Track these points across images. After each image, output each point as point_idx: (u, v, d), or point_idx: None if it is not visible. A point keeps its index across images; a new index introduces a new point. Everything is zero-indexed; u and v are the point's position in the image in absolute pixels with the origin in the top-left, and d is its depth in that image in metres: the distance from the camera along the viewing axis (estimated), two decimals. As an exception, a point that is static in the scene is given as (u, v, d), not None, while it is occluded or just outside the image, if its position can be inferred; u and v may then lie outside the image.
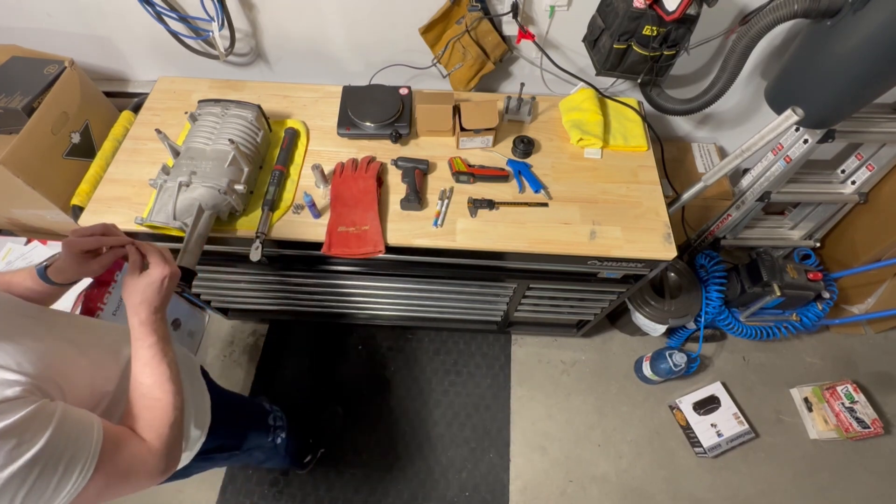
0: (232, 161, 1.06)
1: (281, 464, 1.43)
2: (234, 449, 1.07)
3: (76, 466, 0.54)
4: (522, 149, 1.25)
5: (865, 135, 1.45)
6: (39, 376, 0.58)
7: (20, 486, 0.50)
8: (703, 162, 1.68)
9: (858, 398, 1.71)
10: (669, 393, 1.82)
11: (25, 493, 0.51)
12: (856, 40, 1.03)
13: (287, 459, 1.42)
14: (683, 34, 1.13)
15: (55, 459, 0.53)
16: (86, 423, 0.58)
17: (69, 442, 0.55)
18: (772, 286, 1.58)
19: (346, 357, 1.87)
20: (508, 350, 1.90)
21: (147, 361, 0.68)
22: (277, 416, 1.26)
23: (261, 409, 1.25)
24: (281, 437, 1.26)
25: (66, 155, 1.37)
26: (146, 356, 0.68)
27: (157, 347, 0.68)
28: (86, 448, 0.56)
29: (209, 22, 1.28)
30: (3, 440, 0.49)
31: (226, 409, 1.01)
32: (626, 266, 1.20)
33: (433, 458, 1.69)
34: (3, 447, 0.49)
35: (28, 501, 0.51)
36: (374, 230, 1.11)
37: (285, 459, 1.40)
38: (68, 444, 0.54)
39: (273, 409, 1.29)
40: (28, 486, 0.51)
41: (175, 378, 0.69)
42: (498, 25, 1.29)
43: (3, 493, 0.49)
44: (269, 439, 1.21)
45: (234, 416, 1.09)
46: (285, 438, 1.28)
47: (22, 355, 0.58)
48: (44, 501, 0.53)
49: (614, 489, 1.66)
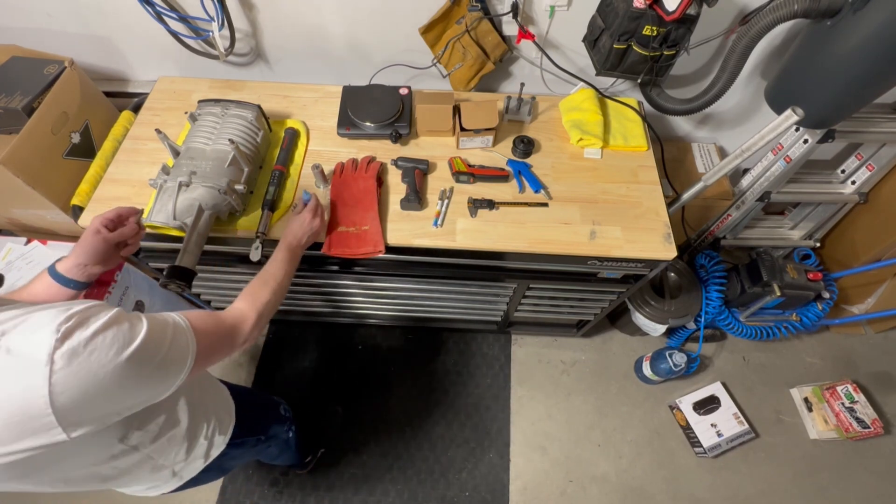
0: (232, 161, 1.06)
1: (291, 459, 1.44)
2: (260, 434, 1.11)
3: (179, 335, 0.63)
4: (522, 149, 1.25)
5: (865, 135, 1.45)
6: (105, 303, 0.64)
7: (152, 354, 0.57)
8: (703, 162, 1.68)
9: (858, 398, 1.71)
10: (669, 393, 1.82)
11: (160, 360, 0.59)
12: (856, 40, 1.03)
13: (296, 455, 1.43)
14: (683, 34, 1.13)
15: (163, 333, 0.60)
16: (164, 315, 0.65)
17: (164, 324, 0.62)
18: (772, 286, 1.58)
19: (346, 357, 1.87)
20: (508, 350, 1.90)
21: (277, 260, 0.93)
22: (286, 408, 1.28)
23: (272, 399, 1.27)
24: (292, 429, 1.28)
25: (66, 155, 1.37)
26: (279, 258, 0.93)
27: (289, 255, 0.95)
28: (180, 325, 0.65)
29: (209, 22, 1.28)
30: (119, 323, 0.55)
31: (245, 398, 1.06)
32: (626, 266, 1.20)
33: (433, 458, 1.69)
34: (122, 327, 0.55)
35: (172, 350, 0.60)
36: (374, 230, 1.11)
37: (294, 455, 1.41)
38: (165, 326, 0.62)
39: (280, 401, 1.31)
40: (168, 341, 0.60)
41: (288, 278, 0.93)
42: (498, 25, 1.29)
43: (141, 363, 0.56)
44: (284, 429, 1.24)
45: (254, 404, 1.13)
46: (295, 432, 1.30)
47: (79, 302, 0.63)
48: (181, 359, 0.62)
49: (614, 489, 1.66)
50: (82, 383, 0.50)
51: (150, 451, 0.75)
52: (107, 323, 0.54)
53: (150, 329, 0.58)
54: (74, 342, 0.50)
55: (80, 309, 0.54)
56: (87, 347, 0.51)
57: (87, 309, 0.55)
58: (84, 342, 0.51)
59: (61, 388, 0.49)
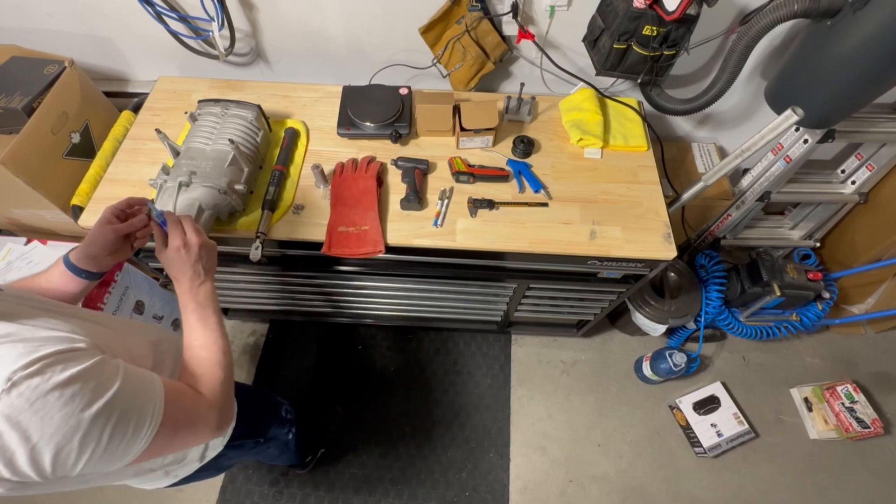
0: (232, 161, 1.06)
1: (290, 460, 1.44)
2: (259, 436, 1.09)
3: (148, 411, 0.58)
4: (522, 149, 1.25)
5: (865, 135, 1.45)
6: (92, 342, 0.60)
7: (106, 423, 0.52)
8: (703, 162, 1.68)
9: (858, 398, 1.71)
10: (669, 393, 1.82)
11: (111, 431, 0.53)
12: (856, 40, 1.03)
13: (296, 456, 1.43)
14: (683, 34, 1.13)
15: (129, 401, 0.55)
16: (147, 375, 0.61)
17: (138, 389, 0.58)
18: (772, 286, 1.58)
19: (347, 357, 1.87)
20: (508, 350, 1.90)
21: (191, 325, 0.74)
22: (288, 410, 1.27)
23: (275, 400, 1.27)
24: (292, 431, 1.27)
25: (66, 155, 1.37)
26: (190, 321, 0.75)
27: (198, 314, 0.75)
28: (152, 395, 0.59)
29: (209, 22, 1.28)
30: (85, 380, 0.51)
31: (248, 397, 1.04)
32: (626, 266, 1.20)
33: (433, 458, 1.69)
34: (88, 385, 0.51)
35: (114, 440, 0.53)
36: (374, 230, 1.11)
37: (294, 455, 1.41)
38: (138, 391, 0.58)
39: (283, 402, 1.30)
40: (112, 425, 0.53)
41: (220, 341, 0.74)
42: (498, 25, 1.29)
43: (92, 430, 0.51)
44: (284, 431, 1.23)
45: (254, 405, 1.12)
46: (295, 433, 1.29)
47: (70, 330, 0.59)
48: (125, 443, 0.55)
49: (614, 489, 1.66)
50: (12, 440, 0.46)
51: None
52: (72, 377, 0.49)
53: (119, 393, 0.53)
54: (23, 395, 0.46)
55: (49, 353, 0.50)
56: (34, 405, 0.47)
57: (61, 354, 0.51)
58: (34, 397, 0.47)
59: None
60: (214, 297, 0.78)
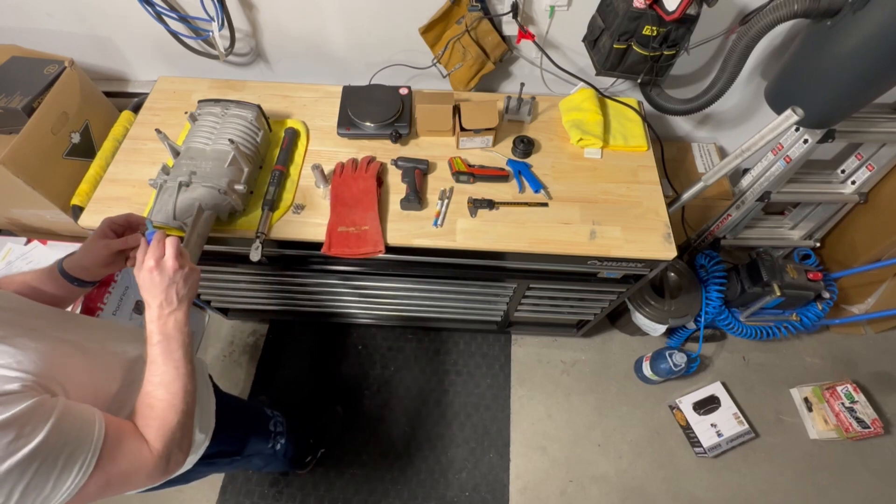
0: (232, 161, 1.06)
1: (281, 468, 1.43)
2: (235, 454, 1.05)
3: (76, 462, 0.54)
4: (522, 149, 1.25)
5: (865, 135, 1.45)
6: (40, 374, 0.58)
7: (18, 479, 0.50)
8: (703, 162, 1.68)
9: (858, 398, 1.71)
10: (669, 393, 1.82)
11: (23, 489, 0.50)
12: (856, 40, 1.03)
13: (287, 464, 1.41)
14: (683, 34, 1.13)
15: (54, 454, 0.52)
16: (87, 418, 0.58)
17: (69, 437, 0.54)
18: (772, 286, 1.58)
19: (346, 357, 1.87)
20: (508, 350, 1.90)
21: (153, 360, 0.67)
22: (278, 422, 1.26)
23: (262, 414, 1.24)
24: (280, 442, 1.25)
25: (66, 155, 1.37)
26: (152, 354, 0.67)
27: (162, 346, 0.67)
28: (86, 444, 0.55)
29: (209, 22, 1.28)
30: (2, 432, 0.49)
31: (229, 413, 1.00)
32: (626, 266, 1.20)
33: (433, 458, 1.69)
34: (2, 440, 0.49)
35: (26, 497, 0.51)
36: (374, 230, 1.11)
37: (284, 465, 1.39)
38: (69, 440, 0.54)
39: (274, 415, 1.28)
40: (26, 481, 0.50)
41: (183, 380, 0.67)
42: (498, 25, 1.29)
43: (1, 487, 0.49)
44: (269, 445, 1.21)
45: (236, 422, 1.08)
46: (285, 444, 1.27)
47: (22, 355, 0.58)
48: (42, 498, 0.52)
49: (614, 489, 1.66)
50: None
51: None
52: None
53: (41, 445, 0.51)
54: None
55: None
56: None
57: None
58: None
59: None
60: (185, 331, 0.69)
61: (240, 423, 1.11)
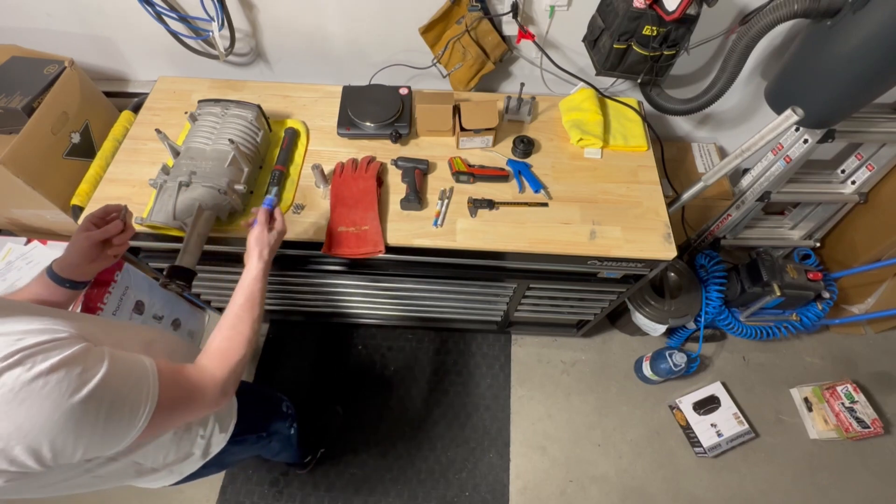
0: (232, 161, 1.06)
1: (292, 456, 1.45)
2: (261, 432, 1.11)
3: (142, 391, 0.58)
4: (522, 149, 1.25)
5: (865, 135, 1.45)
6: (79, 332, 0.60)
7: (98, 406, 0.52)
8: (703, 162, 1.68)
9: (858, 398, 1.71)
10: (669, 393, 1.82)
11: (106, 414, 0.53)
12: (856, 40, 1.03)
13: (298, 452, 1.43)
14: (683, 34, 1.13)
15: (121, 383, 0.56)
16: (136, 357, 0.62)
17: (128, 371, 0.58)
18: (772, 286, 1.58)
19: (346, 357, 1.87)
20: (508, 350, 1.90)
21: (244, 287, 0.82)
22: (288, 405, 1.28)
23: (274, 396, 1.28)
24: (294, 426, 1.28)
25: (66, 155, 1.37)
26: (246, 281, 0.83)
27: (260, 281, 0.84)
28: (145, 375, 0.60)
29: (209, 22, 1.28)
30: (70, 366, 0.51)
31: (248, 394, 1.06)
32: (626, 266, 1.20)
33: (433, 458, 1.69)
34: (73, 371, 0.51)
35: (110, 423, 0.54)
36: (374, 230, 1.11)
37: (296, 452, 1.42)
38: (128, 372, 0.58)
39: (283, 398, 1.31)
40: (106, 408, 0.53)
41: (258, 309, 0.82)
42: (498, 25, 1.29)
43: (86, 415, 0.51)
44: (286, 425, 1.24)
45: (256, 401, 1.13)
46: (297, 428, 1.30)
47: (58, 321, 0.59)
48: (124, 424, 0.56)
49: (614, 489, 1.66)
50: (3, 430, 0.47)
51: (136, 458, 0.73)
52: (56, 365, 0.50)
53: (106, 377, 0.54)
54: (5, 385, 0.47)
55: (30, 343, 0.51)
56: (18, 394, 0.47)
57: (43, 345, 0.51)
58: (18, 387, 0.48)
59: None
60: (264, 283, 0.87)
61: (259, 403, 1.17)
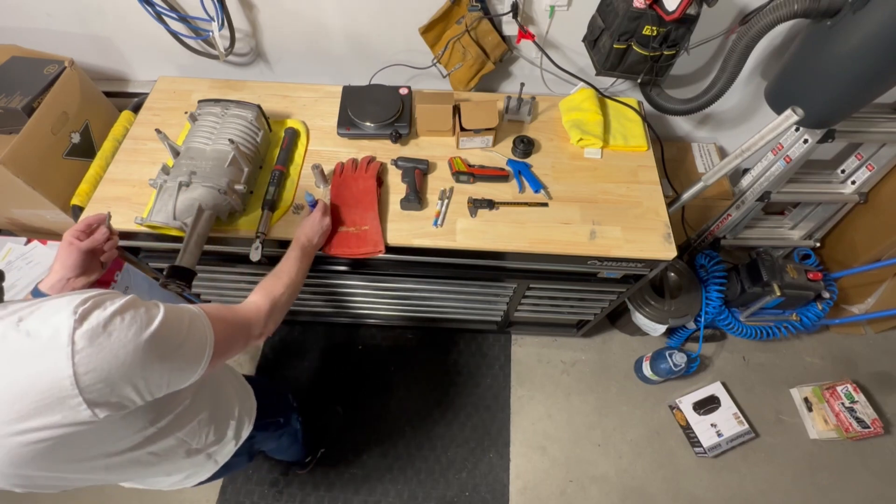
0: (232, 161, 1.06)
1: (297, 453, 1.46)
2: (279, 416, 1.16)
3: (198, 320, 0.65)
4: (522, 149, 1.25)
5: (865, 135, 1.45)
6: None
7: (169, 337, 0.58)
8: (703, 162, 1.68)
9: (858, 398, 1.71)
10: (669, 393, 1.82)
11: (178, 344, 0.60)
12: (856, 40, 1.03)
13: (303, 449, 1.45)
14: (683, 34, 1.13)
15: (179, 320, 0.61)
16: (184, 306, 0.66)
17: (181, 313, 0.63)
18: (772, 286, 1.58)
19: (346, 357, 1.87)
20: (508, 350, 1.90)
21: (293, 261, 0.95)
22: (292, 396, 1.30)
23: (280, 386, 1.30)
24: (299, 420, 1.30)
25: (66, 155, 1.37)
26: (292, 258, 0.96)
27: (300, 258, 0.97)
28: (193, 311, 0.65)
29: (209, 22, 1.28)
30: (135, 307, 0.56)
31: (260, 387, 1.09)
32: (626, 266, 1.20)
33: (433, 458, 1.69)
34: (139, 311, 0.56)
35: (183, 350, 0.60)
36: (374, 230, 1.11)
37: (302, 449, 1.43)
38: (182, 314, 0.63)
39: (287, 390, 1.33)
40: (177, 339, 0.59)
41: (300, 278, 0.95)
42: (498, 25, 1.29)
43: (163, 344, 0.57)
44: (294, 416, 1.26)
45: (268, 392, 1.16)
46: (301, 423, 1.32)
47: None
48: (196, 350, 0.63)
49: (614, 489, 1.66)
50: (104, 363, 0.51)
51: (183, 435, 0.77)
52: (124, 306, 0.55)
53: (167, 315, 0.59)
54: (93, 323, 0.52)
55: (95, 293, 0.55)
56: (106, 328, 0.52)
57: (103, 294, 0.56)
58: (103, 323, 0.52)
59: (84, 367, 0.50)
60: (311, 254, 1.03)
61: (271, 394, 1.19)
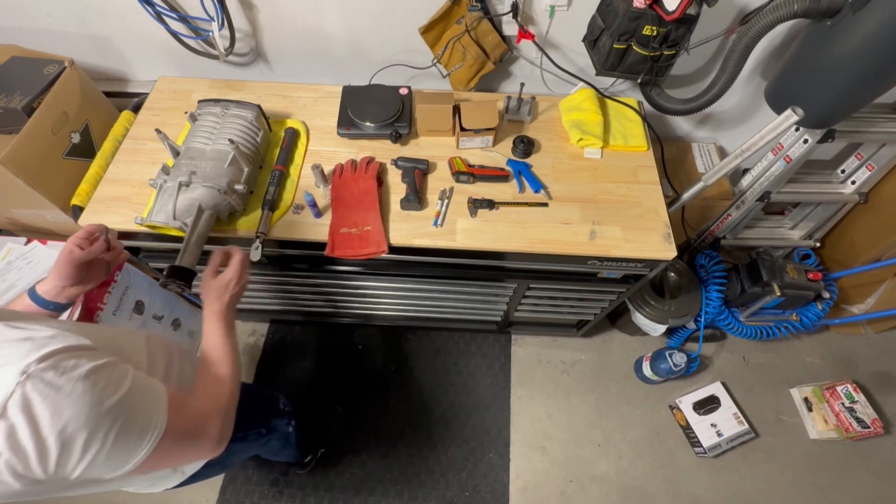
0: (232, 161, 1.06)
1: (292, 456, 1.45)
2: (260, 427, 1.12)
3: (152, 418, 0.58)
4: (522, 149, 1.25)
5: (865, 135, 1.45)
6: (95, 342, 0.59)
7: (112, 423, 0.52)
8: (703, 162, 1.68)
9: (858, 398, 1.71)
10: (669, 393, 1.82)
11: (116, 433, 0.52)
12: (856, 40, 1.03)
13: (297, 452, 1.43)
14: (683, 34, 1.13)
15: (137, 406, 0.55)
16: (153, 383, 0.62)
17: (145, 395, 0.58)
18: (772, 286, 1.58)
19: (347, 357, 1.87)
20: (508, 350, 1.90)
21: (214, 344, 0.80)
22: (285, 403, 1.29)
23: (271, 394, 1.28)
24: (292, 424, 1.28)
25: (66, 155, 1.37)
26: (214, 339, 0.80)
27: (223, 332, 0.81)
28: (158, 404, 0.60)
29: (209, 22, 1.28)
30: (97, 377, 0.51)
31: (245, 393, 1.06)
32: (626, 266, 1.20)
33: (433, 458, 1.69)
34: (99, 383, 0.51)
35: (116, 445, 0.53)
36: (377, 230, 1.11)
37: (295, 451, 1.41)
38: (145, 396, 0.58)
39: (279, 395, 1.31)
40: (118, 427, 0.52)
41: (234, 360, 0.80)
42: (498, 25, 1.29)
43: (99, 428, 0.51)
44: (285, 423, 1.24)
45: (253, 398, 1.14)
46: (295, 426, 1.30)
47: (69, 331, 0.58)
48: (128, 448, 0.55)
49: (614, 489, 1.66)
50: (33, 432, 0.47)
51: None
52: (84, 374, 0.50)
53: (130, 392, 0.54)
54: (38, 388, 0.47)
55: (58, 348, 0.50)
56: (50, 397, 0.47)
57: (69, 350, 0.51)
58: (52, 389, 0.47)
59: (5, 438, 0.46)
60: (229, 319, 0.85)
61: (256, 400, 1.18)
